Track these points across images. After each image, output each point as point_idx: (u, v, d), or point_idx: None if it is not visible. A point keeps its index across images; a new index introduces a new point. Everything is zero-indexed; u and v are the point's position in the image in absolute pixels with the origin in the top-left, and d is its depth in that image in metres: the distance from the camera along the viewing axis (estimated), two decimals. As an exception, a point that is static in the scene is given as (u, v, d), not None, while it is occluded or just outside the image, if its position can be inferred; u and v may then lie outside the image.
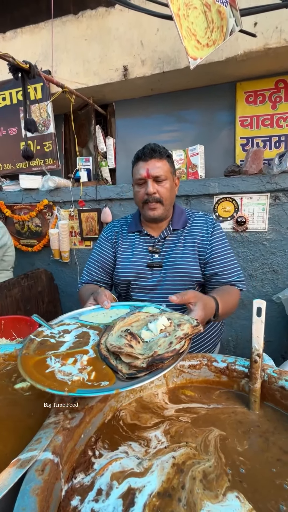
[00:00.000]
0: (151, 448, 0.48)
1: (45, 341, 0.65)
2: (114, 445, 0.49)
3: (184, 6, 1.16)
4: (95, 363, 0.56)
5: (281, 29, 1.62)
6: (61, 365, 0.54)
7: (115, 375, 0.51)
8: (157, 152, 0.98)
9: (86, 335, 0.68)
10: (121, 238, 1.12)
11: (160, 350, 0.53)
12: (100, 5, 1.93)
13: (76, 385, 0.49)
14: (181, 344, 0.53)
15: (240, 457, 0.46)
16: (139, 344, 0.57)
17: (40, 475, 0.37)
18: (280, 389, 0.56)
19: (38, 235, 2.32)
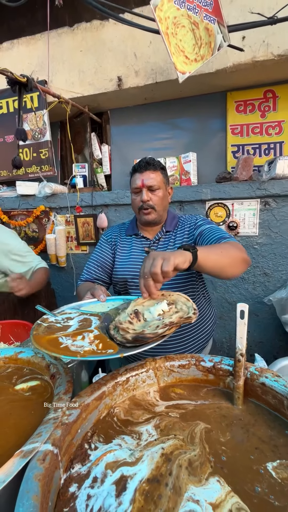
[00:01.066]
0: (142, 440, 0.53)
1: (51, 326, 0.73)
2: (108, 439, 0.54)
3: (172, 25, 1.23)
4: (101, 338, 0.66)
5: (268, 43, 1.70)
6: (73, 341, 0.64)
7: (117, 346, 0.63)
8: (151, 165, 1.11)
9: (88, 320, 0.77)
10: (120, 241, 1.24)
11: (148, 330, 0.64)
12: (94, 18, 1.99)
13: (87, 353, 0.59)
14: (164, 330, 0.64)
15: (223, 447, 0.51)
16: (139, 322, 0.70)
17: (41, 464, 0.41)
18: (261, 385, 0.61)
19: (35, 240, 2.36)
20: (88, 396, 0.58)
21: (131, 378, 0.66)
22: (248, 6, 1.65)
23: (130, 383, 0.66)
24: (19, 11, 2.19)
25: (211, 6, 1.34)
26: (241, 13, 1.69)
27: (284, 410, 0.56)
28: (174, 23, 1.23)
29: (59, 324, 0.74)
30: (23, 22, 2.25)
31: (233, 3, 1.71)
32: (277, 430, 0.55)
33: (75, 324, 0.74)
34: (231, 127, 2.09)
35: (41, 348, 0.59)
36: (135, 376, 0.67)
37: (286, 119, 1.99)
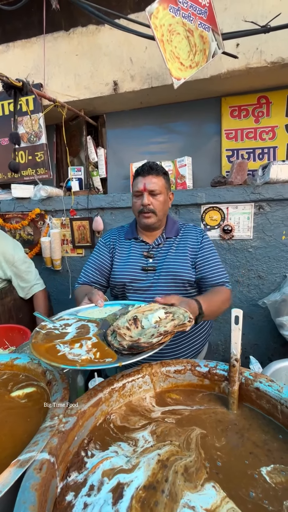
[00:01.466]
0: (139, 447, 0.53)
1: (50, 333, 0.73)
2: (105, 446, 0.54)
3: (167, 32, 1.25)
4: (99, 346, 0.67)
5: (261, 50, 1.73)
6: (70, 349, 0.64)
7: (116, 354, 0.64)
8: (154, 170, 1.13)
9: (86, 327, 0.78)
10: (118, 244, 1.24)
11: (144, 338, 0.65)
12: (90, 23, 2.00)
13: (85, 362, 0.59)
14: (158, 339, 0.65)
15: (218, 452, 0.52)
16: (137, 329, 0.71)
17: (38, 473, 0.41)
18: (255, 390, 0.62)
19: (30, 243, 2.35)
20: (85, 403, 0.58)
21: (128, 384, 0.67)
22: (242, 14, 1.68)
23: (127, 389, 0.67)
24: (15, 15, 2.19)
25: (205, 14, 1.36)
26: (235, 21, 1.72)
27: (277, 415, 0.57)
28: (169, 30, 1.25)
29: (57, 331, 0.75)
30: (18, 25, 2.25)
31: (227, 12, 1.74)
32: (271, 435, 0.56)
33: (72, 331, 0.75)
34: (225, 131, 2.12)
35: (40, 357, 0.60)
36: (132, 382, 0.67)
37: (279, 125, 2.02)
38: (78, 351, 0.64)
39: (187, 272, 1.11)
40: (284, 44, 1.68)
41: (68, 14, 2.07)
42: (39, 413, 0.61)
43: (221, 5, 1.72)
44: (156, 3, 1.20)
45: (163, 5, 1.22)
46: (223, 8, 1.73)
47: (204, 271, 1.15)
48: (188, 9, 1.30)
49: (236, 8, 1.72)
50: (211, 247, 1.20)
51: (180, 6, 1.27)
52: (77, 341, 0.68)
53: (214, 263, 1.17)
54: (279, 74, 1.82)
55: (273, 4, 1.66)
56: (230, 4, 1.73)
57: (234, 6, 1.73)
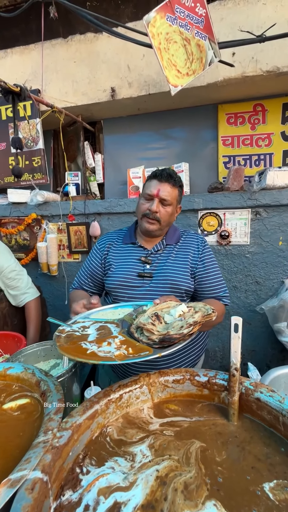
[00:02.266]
0: (136, 462, 0.51)
1: (70, 335, 0.73)
2: (101, 461, 0.52)
3: (164, 40, 1.26)
4: (128, 343, 0.67)
5: (257, 59, 1.76)
6: (98, 347, 0.64)
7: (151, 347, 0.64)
8: (173, 179, 1.09)
9: (106, 328, 0.78)
10: (114, 249, 1.21)
11: (173, 331, 0.66)
12: (88, 31, 2.02)
13: (120, 357, 0.59)
14: (189, 330, 0.66)
15: (219, 467, 0.50)
16: (161, 324, 0.72)
17: (30, 494, 0.39)
18: (256, 400, 0.60)
19: (26, 248, 2.32)
20: (80, 415, 0.56)
21: (125, 395, 0.65)
22: (237, 24, 1.71)
23: (124, 400, 0.65)
24: (13, 22, 2.21)
25: (202, 24, 1.38)
26: (231, 30, 1.75)
27: (279, 426, 0.56)
28: (167, 38, 1.26)
29: (77, 333, 0.75)
30: (17, 32, 2.26)
31: (224, 21, 1.77)
32: (273, 447, 0.54)
33: (93, 332, 0.75)
34: (222, 138, 2.14)
35: (74, 357, 0.60)
36: (129, 393, 0.65)
37: (275, 132, 2.05)
38: (108, 348, 0.64)
39: (186, 281, 1.09)
40: (279, 54, 1.72)
41: (66, 22, 2.09)
42: (32, 427, 0.58)
43: (217, 15, 1.75)
44: (154, 12, 1.22)
45: (161, 14, 1.23)
46: (220, 18, 1.76)
47: (203, 283, 1.13)
48: (185, 18, 1.32)
49: (232, 18, 1.76)
50: (212, 258, 1.18)
51: (177, 15, 1.28)
52: (103, 340, 0.68)
53: (214, 275, 1.15)
54: (275, 82, 1.85)
55: (268, 15, 1.69)
56: (226, 15, 1.77)
57: (230, 16, 1.76)
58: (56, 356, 1.32)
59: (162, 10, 1.24)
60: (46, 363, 1.30)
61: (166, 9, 1.25)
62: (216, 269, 1.16)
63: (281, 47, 1.69)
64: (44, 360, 1.32)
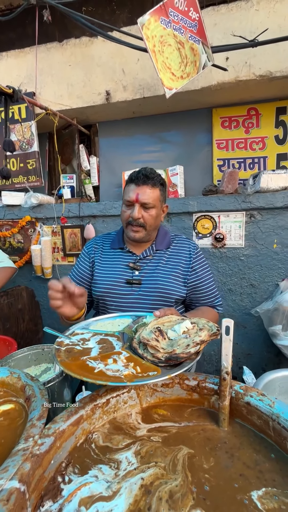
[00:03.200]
0: (121, 470, 0.49)
1: (71, 349, 0.70)
2: (84, 470, 0.50)
3: (159, 43, 1.27)
4: (134, 360, 0.65)
5: (250, 64, 1.78)
6: (105, 365, 0.62)
7: (158, 367, 0.62)
8: (151, 179, 1.01)
9: (107, 341, 0.75)
10: (101, 253, 1.15)
11: (179, 349, 0.64)
12: (84, 35, 2.04)
13: (130, 378, 0.57)
14: (196, 349, 0.64)
15: (206, 475, 0.48)
16: (165, 340, 0.69)
17: (4, 505, 0.37)
18: (246, 405, 0.59)
19: (20, 251, 2.30)
20: (64, 421, 0.54)
21: (112, 400, 0.63)
22: (231, 29, 1.73)
23: (111, 405, 0.63)
24: (9, 26, 2.22)
25: (195, 28, 1.40)
26: (224, 35, 1.77)
27: (269, 432, 0.54)
28: (161, 41, 1.27)
29: (78, 346, 0.72)
30: (12, 36, 2.28)
31: (217, 27, 1.79)
32: (263, 454, 0.52)
33: (95, 346, 0.72)
34: (216, 141, 2.15)
35: (81, 377, 0.56)
36: (116, 397, 0.63)
37: (269, 135, 2.06)
38: (115, 366, 0.61)
39: (177, 289, 1.04)
40: (271, 59, 1.74)
41: (62, 26, 2.11)
42: (15, 434, 0.56)
43: (211, 20, 1.77)
44: (148, 14, 1.22)
45: (155, 17, 1.24)
46: (213, 24, 1.78)
47: (197, 291, 1.09)
48: (179, 22, 1.33)
49: (226, 24, 1.78)
50: (205, 266, 1.12)
51: (171, 19, 1.29)
52: (108, 357, 0.65)
53: (208, 283, 1.11)
54: (268, 87, 1.87)
55: (261, 21, 1.72)
56: (219, 20, 1.79)
57: (224, 22, 1.79)
58: (47, 361, 1.29)
59: (156, 13, 1.25)
60: (37, 367, 1.28)
61: (160, 12, 1.26)
62: (209, 277, 1.12)
63: (274, 53, 1.72)
64: (35, 365, 1.29)
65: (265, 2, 1.72)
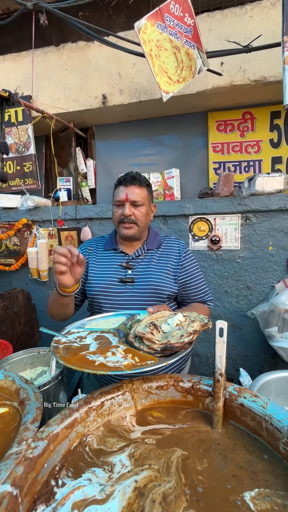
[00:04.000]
0: (115, 473, 0.49)
1: (69, 346, 0.71)
2: (78, 473, 0.50)
3: (155, 47, 1.28)
4: (132, 351, 0.67)
5: (245, 69, 1.81)
6: (105, 358, 0.63)
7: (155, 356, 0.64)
8: (138, 180, 1.09)
9: (104, 337, 0.77)
10: (96, 255, 1.19)
11: (173, 340, 0.67)
12: (80, 39, 2.06)
13: (129, 367, 0.59)
14: (189, 338, 0.67)
15: (199, 476, 0.48)
16: (159, 333, 0.72)
17: (-4, 509, 0.37)
18: (240, 406, 0.59)
19: (16, 254, 2.29)
20: (58, 424, 0.54)
21: (106, 402, 0.63)
22: (225, 35, 1.76)
23: (105, 408, 0.63)
24: (6, 29, 2.23)
25: (191, 33, 1.42)
26: (219, 41, 1.79)
27: (262, 433, 0.55)
28: (157, 45, 1.29)
29: (75, 343, 0.73)
30: (9, 40, 2.29)
31: (212, 32, 1.82)
32: (256, 455, 0.53)
33: (93, 342, 0.74)
34: (212, 145, 2.17)
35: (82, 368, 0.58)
36: (111, 400, 0.63)
37: (264, 139, 2.09)
38: (115, 358, 0.64)
39: (169, 285, 1.08)
40: (265, 64, 1.76)
41: (58, 30, 2.13)
42: (8, 437, 0.56)
43: (205, 26, 1.80)
44: (144, 19, 1.24)
45: (151, 22, 1.26)
46: (208, 29, 1.81)
47: (188, 288, 1.13)
48: (175, 27, 1.35)
49: (220, 29, 1.81)
50: (193, 263, 1.17)
51: (167, 24, 1.31)
52: (107, 350, 0.67)
53: (197, 280, 1.15)
54: (262, 91, 1.89)
55: (255, 27, 1.75)
56: (214, 26, 1.82)
57: (218, 28, 1.81)
58: (43, 364, 1.29)
59: (153, 17, 1.26)
60: (32, 370, 1.27)
61: (157, 17, 1.28)
62: (198, 274, 1.16)
63: (268, 58, 1.74)
64: (31, 368, 1.29)
65: (258, 9, 1.75)
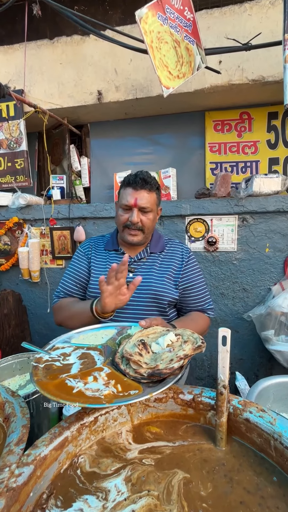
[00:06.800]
0: (110, 501, 0.44)
1: (50, 366, 0.65)
2: (68, 502, 0.44)
3: (156, 39, 1.24)
4: (115, 377, 0.61)
5: (243, 68, 1.78)
6: (85, 384, 0.57)
7: (141, 383, 0.59)
8: (149, 184, 1.02)
9: (89, 356, 0.70)
10: (96, 255, 1.14)
11: (162, 364, 0.61)
12: (75, 33, 2.00)
13: (110, 398, 0.53)
14: (179, 363, 0.61)
15: (203, 504, 0.44)
16: (148, 354, 0.66)
17: None
18: (245, 421, 0.55)
19: (7, 253, 2.21)
20: (46, 445, 0.48)
21: (100, 417, 0.58)
22: (224, 33, 1.73)
23: (99, 424, 0.58)
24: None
25: (190, 28, 1.38)
26: (217, 39, 1.76)
27: (270, 452, 0.50)
28: (158, 38, 1.24)
29: (58, 362, 0.66)
30: (1, 32, 2.21)
31: (210, 30, 1.78)
32: (264, 477, 0.48)
33: (76, 362, 0.67)
34: (209, 145, 2.14)
35: (57, 398, 0.51)
36: (105, 415, 0.58)
37: (261, 140, 2.07)
38: (95, 385, 0.57)
39: (170, 292, 1.04)
40: (264, 63, 1.74)
41: (52, 23, 2.06)
42: (-10, 460, 0.50)
43: (204, 23, 1.77)
44: (145, 8, 1.19)
45: (152, 12, 1.21)
46: (206, 27, 1.78)
47: (188, 295, 1.09)
48: (175, 20, 1.30)
49: (219, 27, 1.78)
50: (197, 270, 1.13)
51: (167, 16, 1.27)
52: (88, 374, 0.60)
53: (199, 287, 1.10)
54: (260, 91, 1.87)
55: (254, 25, 1.72)
56: (213, 24, 1.79)
57: (217, 25, 1.78)
58: (33, 370, 1.22)
59: (154, 7, 1.22)
60: (21, 377, 1.21)
61: (158, 7, 1.23)
62: (201, 281, 1.12)
63: (266, 58, 1.72)
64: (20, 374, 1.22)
65: (257, 7, 1.73)
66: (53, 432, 0.52)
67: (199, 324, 1.01)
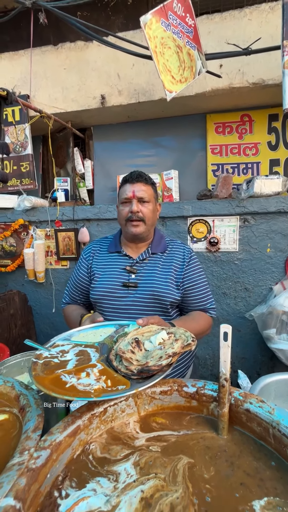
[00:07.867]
0: (120, 483, 0.48)
1: (48, 362, 0.69)
2: (82, 483, 0.48)
3: (160, 45, 1.28)
4: (107, 373, 0.64)
5: (243, 71, 1.82)
6: (78, 379, 0.61)
7: (127, 380, 0.62)
8: (143, 178, 1.08)
9: (85, 353, 0.74)
10: (98, 257, 1.17)
11: (152, 361, 0.64)
12: (79, 39, 2.04)
13: (99, 392, 0.57)
14: (168, 361, 0.64)
15: (207, 485, 0.47)
16: (141, 351, 0.69)
17: (-1, 525, 0.35)
18: (246, 412, 0.58)
19: (12, 255, 2.26)
20: (61, 432, 0.52)
21: (109, 408, 0.61)
22: (224, 37, 1.76)
23: (108, 414, 0.61)
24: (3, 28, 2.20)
25: (191, 34, 1.42)
26: (218, 44, 1.80)
27: (269, 439, 0.54)
28: (162, 43, 1.28)
29: (56, 359, 0.70)
30: (7, 38, 2.26)
31: (211, 35, 1.82)
32: (263, 461, 0.52)
33: (72, 358, 0.71)
34: (211, 147, 2.18)
35: (50, 392, 0.55)
36: (114, 406, 0.62)
37: (262, 141, 2.10)
38: (87, 380, 0.61)
39: (171, 293, 1.05)
40: (264, 67, 1.77)
41: (57, 30, 2.11)
42: (9, 446, 0.54)
43: (205, 28, 1.80)
44: (150, 14, 1.23)
45: (156, 18, 1.25)
46: (207, 32, 1.81)
47: (190, 295, 1.10)
48: (177, 26, 1.34)
49: (220, 32, 1.81)
50: (198, 270, 1.13)
51: (170, 22, 1.31)
52: (82, 370, 0.64)
53: (201, 287, 1.11)
54: (260, 94, 1.91)
55: (254, 30, 1.76)
56: (213, 28, 1.82)
57: (218, 30, 1.82)
58: (40, 367, 1.27)
59: (158, 13, 1.25)
60: (30, 374, 1.25)
61: (161, 13, 1.27)
62: (203, 281, 1.13)
63: (266, 61, 1.76)
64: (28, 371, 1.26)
65: (257, 12, 1.77)
66: (67, 420, 0.56)
67: (199, 323, 1.03)
